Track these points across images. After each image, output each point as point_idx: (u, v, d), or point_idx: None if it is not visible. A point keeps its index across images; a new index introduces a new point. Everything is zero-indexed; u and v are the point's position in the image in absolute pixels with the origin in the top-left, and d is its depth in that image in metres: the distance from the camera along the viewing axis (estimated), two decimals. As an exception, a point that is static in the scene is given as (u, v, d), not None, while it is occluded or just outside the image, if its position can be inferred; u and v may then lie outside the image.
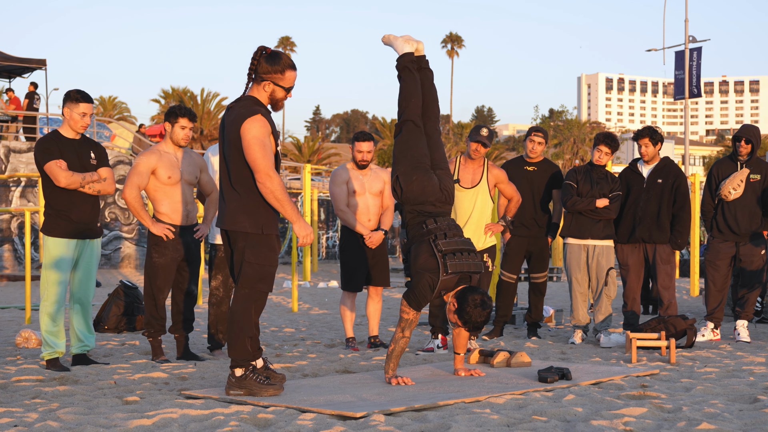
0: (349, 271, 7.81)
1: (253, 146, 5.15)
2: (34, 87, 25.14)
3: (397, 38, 6.23)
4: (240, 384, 5.29)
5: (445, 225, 5.83)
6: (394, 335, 5.80)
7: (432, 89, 6.21)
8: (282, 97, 5.34)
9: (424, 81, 6.18)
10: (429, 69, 6.25)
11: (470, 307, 5.68)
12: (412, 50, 6.18)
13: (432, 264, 5.69)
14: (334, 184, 7.82)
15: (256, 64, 5.27)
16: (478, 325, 5.76)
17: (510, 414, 4.77)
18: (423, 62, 6.23)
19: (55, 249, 6.49)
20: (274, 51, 5.29)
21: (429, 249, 5.73)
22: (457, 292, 5.79)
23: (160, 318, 6.91)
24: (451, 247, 5.72)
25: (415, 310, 5.72)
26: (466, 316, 5.71)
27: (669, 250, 8.26)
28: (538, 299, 8.74)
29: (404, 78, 6.14)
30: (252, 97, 5.33)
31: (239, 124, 5.20)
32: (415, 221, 5.89)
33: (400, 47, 6.19)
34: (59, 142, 6.51)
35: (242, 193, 5.26)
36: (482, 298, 5.70)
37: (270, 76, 5.28)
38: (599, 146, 8.14)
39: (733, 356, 7.24)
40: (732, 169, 8.43)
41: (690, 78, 30.12)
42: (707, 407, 4.95)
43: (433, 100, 6.19)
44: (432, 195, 5.91)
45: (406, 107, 6.09)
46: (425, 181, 5.91)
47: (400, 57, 6.18)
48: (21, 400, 5.28)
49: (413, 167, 5.95)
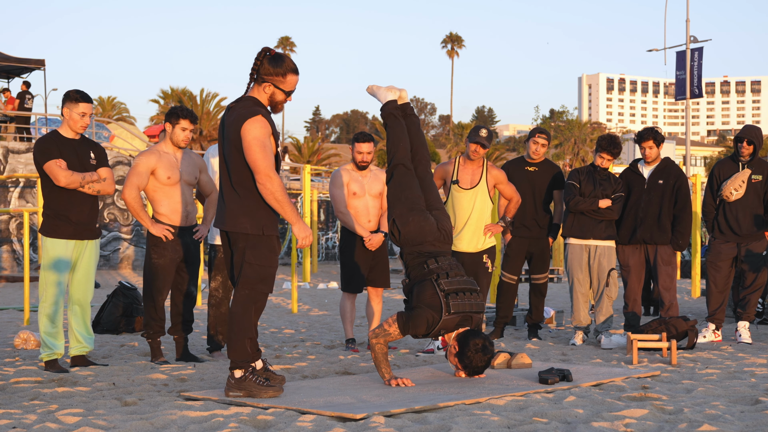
0: (348, 272, 7.80)
1: (253, 147, 5.14)
2: (26, 86, 25.06)
3: (380, 88, 6.42)
4: (239, 385, 5.27)
5: (447, 264, 5.89)
6: (370, 342, 5.81)
7: (419, 134, 6.37)
8: (282, 100, 5.34)
9: (410, 127, 6.34)
10: (414, 115, 6.41)
11: (471, 351, 5.73)
12: (395, 98, 6.36)
13: (436, 302, 5.73)
14: (334, 185, 7.80)
15: (259, 64, 5.26)
16: (479, 370, 5.82)
17: (510, 415, 4.76)
18: (408, 109, 6.41)
19: (53, 250, 6.47)
20: (278, 53, 5.28)
21: (432, 288, 5.77)
22: (459, 335, 5.83)
23: (159, 319, 6.89)
24: (454, 287, 5.77)
25: (400, 333, 5.75)
26: (467, 361, 5.77)
27: (670, 251, 8.25)
28: (539, 300, 8.72)
29: (390, 125, 6.30)
30: (252, 98, 5.32)
31: (239, 124, 5.19)
32: (415, 262, 5.94)
33: (383, 96, 6.37)
34: (59, 142, 6.50)
35: (242, 194, 5.25)
36: (484, 342, 5.75)
37: (271, 78, 5.27)
38: (601, 153, 8.12)
39: (734, 357, 7.23)
40: (733, 169, 8.41)
41: (691, 78, 30.10)
42: (708, 409, 4.93)
43: (421, 145, 6.33)
44: (430, 234, 5.99)
45: (396, 152, 6.22)
46: (422, 221, 5.99)
47: (384, 105, 6.35)
48: (19, 401, 5.27)
49: (409, 209, 6.04)
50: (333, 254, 27.72)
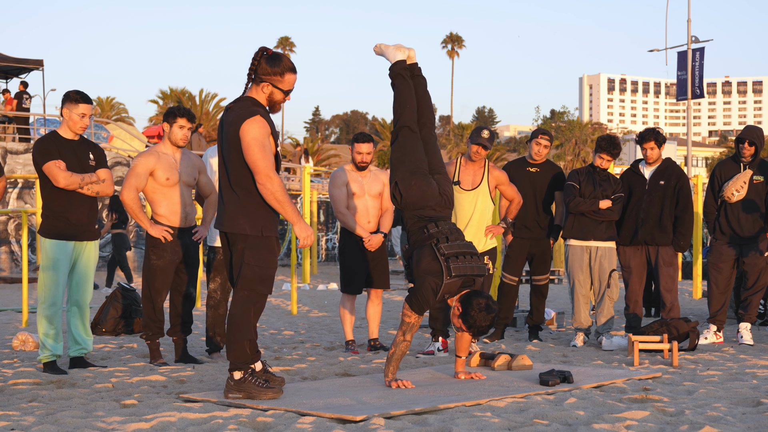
0: (348, 273, 7.78)
1: (252, 147, 5.13)
2: (23, 87, 25.02)
3: (388, 47, 6.29)
4: (239, 387, 5.26)
5: (447, 229, 5.83)
6: (395, 338, 5.78)
7: (426, 96, 6.26)
8: (280, 100, 5.31)
9: (418, 88, 6.24)
10: (422, 76, 6.30)
11: (475, 311, 5.66)
12: (404, 57, 6.24)
13: (435, 267, 5.68)
14: (334, 186, 7.79)
15: (257, 64, 5.25)
16: (483, 329, 5.74)
17: (511, 417, 4.75)
18: (416, 69, 6.28)
19: (52, 251, 6.45)
20: (275, 53, 5.27)
21: (431, 253, 5.72)
22: (461, 296, 5.77)
23: (158, 321, 6.88)
24: (454, 251, 5.71)
25: (417, 314, 5.71)
26: (471, 320, 5.69)
27: (671, 252, 8.23)
28: (540, 302, 8.70)
29: (398, 85, 6.19)
30: (251, 98, 5.30)
31: (238, 125, 5.17)
32: (416, 226, 5.89)
33: (392, 55, 6.24)
34: (58, 143, 6.48)
35: (241, 195, 5.23)
36: (487, 302, 5.69)
37: (269, 77, 5.26)
38: (601, 154, 8.10)
39: (736, 359, 7.21)
40: (735, 170, 8.39)
41: (692, 78, 30.03)
42: (710, 410, 4.93)
43: (427, 107, 6.23)
44: (432, 199, 5.92)
45: (402, 114, 6.12)
46: (424, 185, 5.93)
47: (393, 65, 6.23)
48: (18, 403, 5.26)
49: (411, 172, 5.97)
50: (333, 255, 27.71)
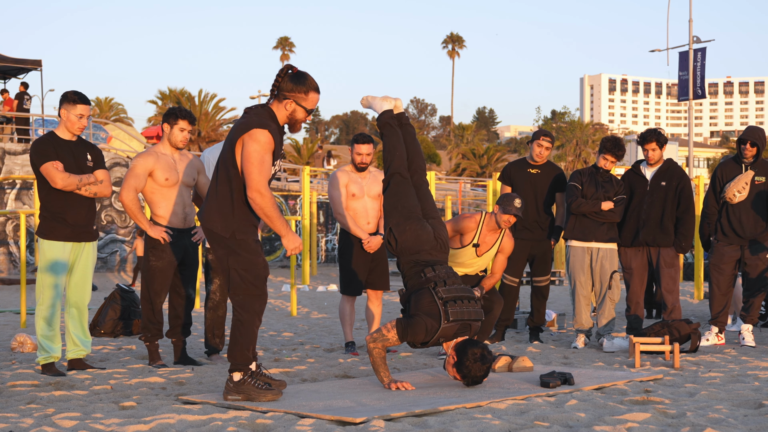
0: (347, 274, 7.76)
1: (251, 159, 5.15)
2: (24, 87, 25.02)
3: (375, 98, 6.47)
4: (238, 389, 5.25)
5: (444, 273, 5.87)
6: (367, 345, 5.79)
7: (414, 143, 6.41)
8: (302, 119, 5.34)
9: (406, 136, 6.38)
10: (409, 125, 6.46)
11: (470, 361, 5.68)
12: (391, 107, 6.40)
13: (434, 310, 5.71)
14: (333, 187, 7.77)
15: (280, 81, 5.28)
16: (477, 380, 5.76)
17: (512, 419, 4.74)
18: (403, 119, 6.44)
19: (50, 252, 6.43)
20: (300, 71, 5.30)
21: (430, 296, 5.75)
22: (457, 344, 5.80)
23: (157, 322, 6.85)
24: (452, 295, 5.75)
25: (398, 338, 5.74)
26: (465, 371, 5.72)
27: (673, 253, 8.21)
28: (541, 303, 8.68)
29: (386, 134, 6.33)
30: (270, 111, 5.30)
31: (245, 130, 5.18)
32: (412, 271, 5.93)
33: (378, 106, 6.41)
34: (55, 144, 6.46)
35: (221, 195, 5.26)
36: (482, 352, 5.71)
37: (293, 95, 5.28)
38: (605, 155, 8.08)
39: (737, 361, 7.19)
40: (736, 171, 8.36)
41: (694, 79, 30.00)
42: (711, 412, 4.92)
43: (417, 154, 6.37)
44: (427, 243, 5.98)
45: (392, 160, 6.25)
46: (419, 230, 5.99)
47: (380, 115, 6.39)
48: (16, 405, 5.25)
49: (405, 218, 6.04)
50: (332, 256, 27.70)
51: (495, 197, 13.15)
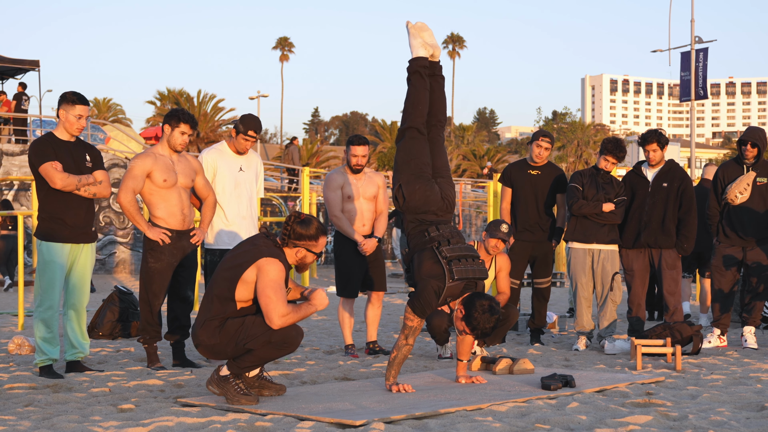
0: (344, 277, 7.75)
1: (266, 287, 5.24)
2: (22, 88, 24.96)
3: (415, 36, 6.03)
4: (220, 383, 5.32)
5: (448, 232, 5.80)
6: (397, 342, 5.75)
7: (442, 96, 6.11)
8: (311, 262, 5.51)
9: (435, 88, 6.08)
10: (441, 76, 6.14)
11: (478, 312, 5.62)
12: (427, 55, 6.04)
13: (437, 270, 5.65)
14: (329, 188, 7.76)
15: (290, 230, 5.41)
16: (487, 331, 5.69)
17: (512, 422, 4.74)
18: (437, 69, 6.11)
19: (48, 254, 6.40)
20: (306, 217, 5.43)
21: (433, 256, 5.70)
22: (464, 298, 5.75)
23: (155, 324, 6.83)
24: (456, 253, 5.69)
25: (419, 318, 5.68)
26: (474, 323, 5.65)
27: (675, 255, 8.17)
28: (542, 305, 8.64)
29: (413, 83, 6.02)
30: (282, 253, 5.44)
31: (258, 257, 5.29)
32: (416, 230, 5.86)
33: (415, 49, 6.03)
34: (54, 144, 6.43)
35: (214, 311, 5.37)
36: (490, 303, 5.65)
37: (304, 242, 5.41)
38: (606, 156, 8.05)
39: (740, 363, 7.17)
40: (738, 172, 8.33)
41: (696, 79, 29.98)
42: (714, 415, 4.91)
43: (441, 108, 6.10)
44: (434, 204, 5.90)
45: (412, 113, 5.99)
46: (428, 190, 5.90)
47: (413, 60, 6.03)
48: (14, 407, 5.24)
49: (416, 176, 5.92)
50: (332, 258, 27.69)
51: (496, 198, 13.12)
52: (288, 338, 5.29)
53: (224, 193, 7.26)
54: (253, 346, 5.24)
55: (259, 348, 5.25)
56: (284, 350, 5.33)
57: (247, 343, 5.23)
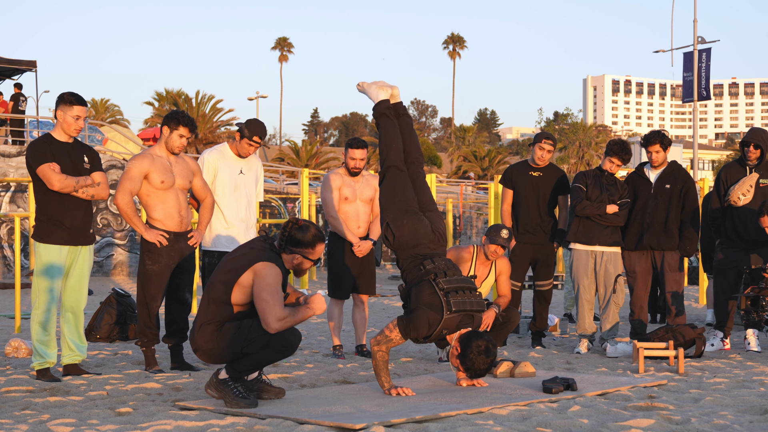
0: (336, 278, 7.76)
1: (262, 291, 5.25)
2: (18, 89, 24.95)
3: (371, 86, 6.34)
4: (218, 387, 5.31)
5: (443, 264, 5.83)
6: (371, 348, 5.75)
7: (412, 134, 6.32)
8: (308, 268, 5.52)
9: (403, 127, 6.29)
10: (407, 115, 6.37)
11: (474, 353, 5.63)
12: (387, 97, 6.29)
13: (435, 302, 5.65)
14: (326, 189, 7.76)
15: (287, 236, 5.43)
16: (481, 372, 5.72)
17: (513, 426, 4.72)
18: (400, 108, 6.34)
19: (46, 256, 6.38)
20: (304, 223, 5.44)
21: (430, 288, 5.69)
22: (461, 336, 5.74)
23: (153, 327, 6.79)
24: (453, 285, 5.71)
25: (401, 337, 5.69)
26: (469, 363, 5.67)
27: (677, 257, 8.14)
28: (543, 307, 8.61)
29: (383, 125, 6.24)
30: (279, 258, 5.45)
31: (254, 261, 5.28)
32: (411, 264, 5.89)
33: (374, 95, 6.30)
34: (51, 146, 6.41)
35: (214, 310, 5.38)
36: (487, 344, 5.65)
37: (301, 249, 5.43)
38: (612, 158, 8.02)
39: (743, 366, 7.15)
40: (741, 173, 8.30)
41: (699, 80, 29.99)
42: (717, 419, 4.90)
43: (414, 145, 6.29)
44: (424, 237, 5.93)
45: (388, 153, 6.17)
46: (416, 223, 5.94)
47: (376, 105, 6.28)
48: (11, 411, 5.23)
49: (402, 212, 5.98)
50: (328, 258, 27.69)
51: (497, 200, 13.08)
52: (286, 342, 5.27)
53: (224, 195, 7.24)
54: (251, 349, 5.21)
55: (257, 351, 5.23)
56: (283, 353, 5.31)
57: (245, 347, 5.21)
